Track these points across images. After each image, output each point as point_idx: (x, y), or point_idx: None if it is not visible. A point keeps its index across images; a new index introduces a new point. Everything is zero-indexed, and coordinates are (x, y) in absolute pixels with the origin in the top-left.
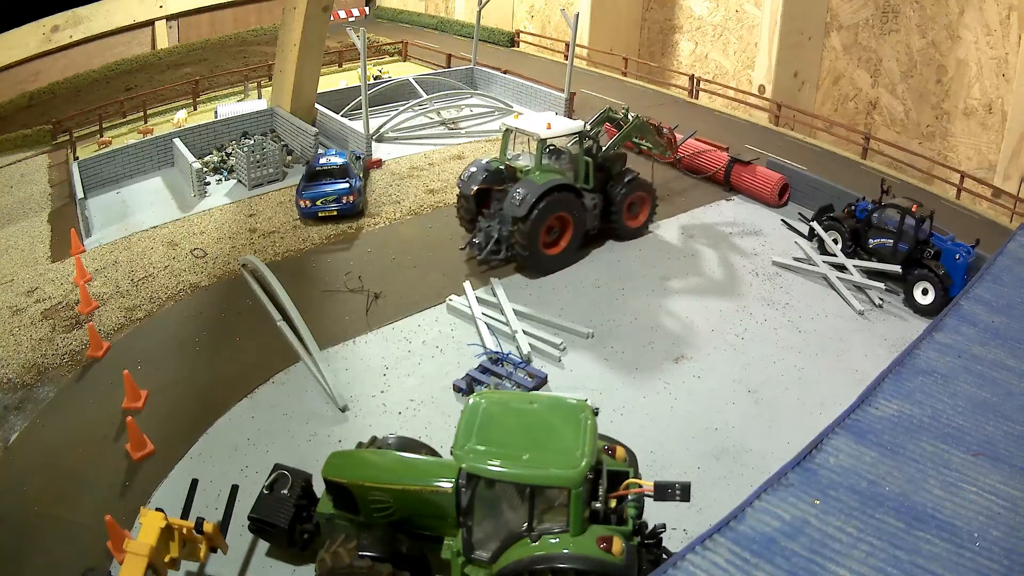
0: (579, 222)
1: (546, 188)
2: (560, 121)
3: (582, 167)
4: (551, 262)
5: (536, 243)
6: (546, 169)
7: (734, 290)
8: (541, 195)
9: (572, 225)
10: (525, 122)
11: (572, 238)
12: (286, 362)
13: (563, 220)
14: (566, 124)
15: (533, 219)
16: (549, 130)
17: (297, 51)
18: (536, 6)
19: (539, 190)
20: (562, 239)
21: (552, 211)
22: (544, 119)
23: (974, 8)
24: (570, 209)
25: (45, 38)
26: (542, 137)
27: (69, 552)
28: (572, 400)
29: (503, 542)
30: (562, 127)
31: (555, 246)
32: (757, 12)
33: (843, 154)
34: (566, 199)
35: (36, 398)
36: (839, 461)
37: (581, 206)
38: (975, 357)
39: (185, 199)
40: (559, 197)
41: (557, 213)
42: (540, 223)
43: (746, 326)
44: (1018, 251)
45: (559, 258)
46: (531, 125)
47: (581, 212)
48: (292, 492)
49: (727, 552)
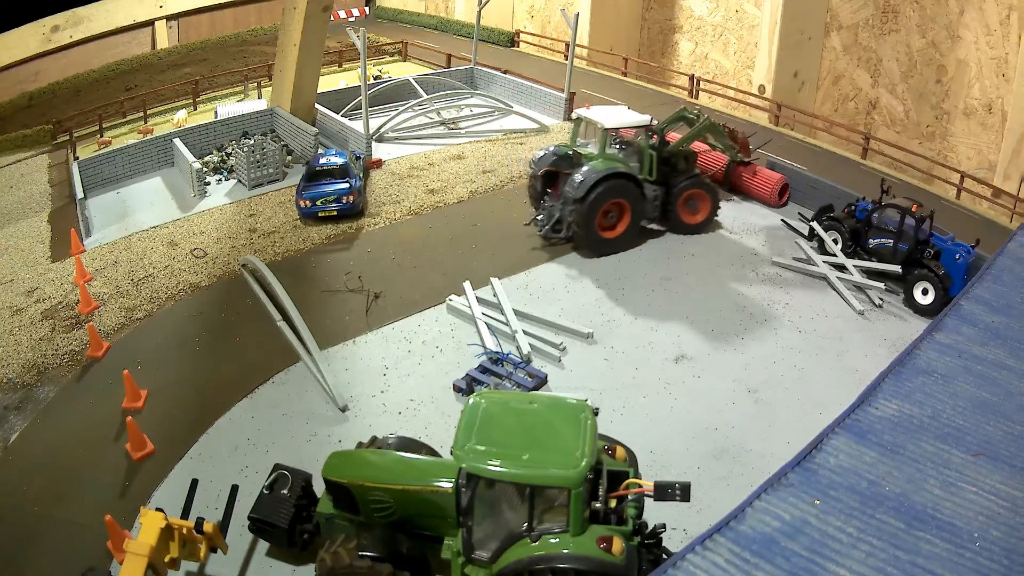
0: (637, 210)
1: (605, 174)
2: (628, 115)
3: (647, 159)
4: (606, 245)
5: (591, 224)
6: (609, 157)
7: (734, 290)
8: (599, 180)
9: (630, 212)
10: (594, 112)
11: (630, 224)
12: (286, 362)
13: (621, 206)
14: (632, 117)
15: (590, 201)
16: (615, 121)
17: (297, 51)
18: (536, 6)
19: (597, 175)
20: (619, 224)
21: (609, 196)
22: (613, 111)
23: (974, 8)
24: (628, 196)
25: (45, 38)
26: (606, 127)
27: (69, 552)
28: (572, 400)
29: (503, 542)
30: (627, 120)
31: (612, 230)
32: (757, 12)
33: (843, 154)
34: (624, 187)
35: (36, 398)
36: (839, 461)
37: (640, 195)
38: (975, 357)
39: (185, 199)
40: (617, 184)
41: (614, 199)
42: (597, 206)
43: (746, 326)
44: (1018, 251)
45: (615, 242)
46: (598, 115)
47: (639, 201)
48: (292, 492)
49: (727, 552)
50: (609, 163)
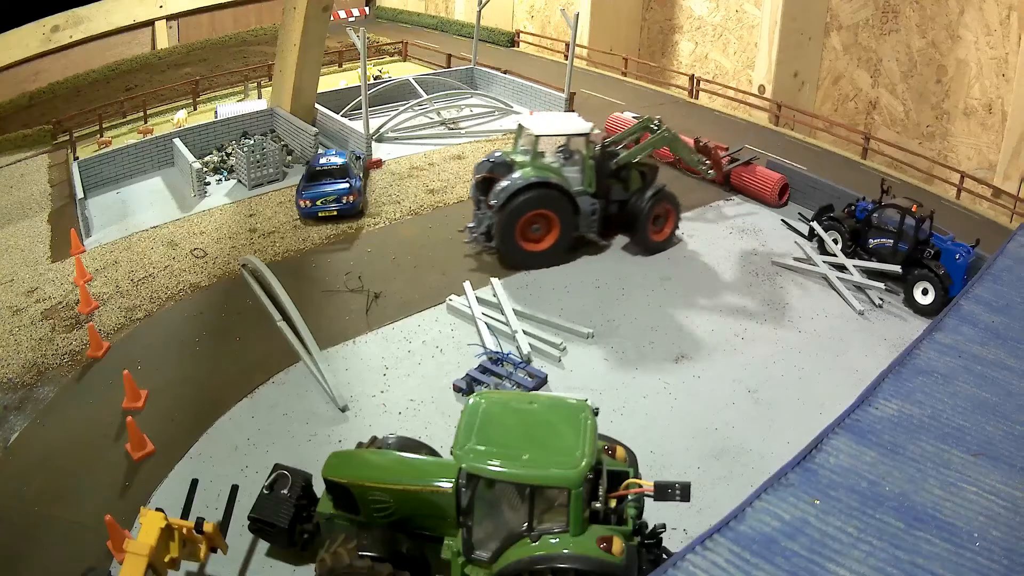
0: (567, 224)
1: (526, 183)
2: (568, 122)
3: (587, 171)
4: (529, 257)
5: (510, 235)
6: (540, 166)
7: (734, 290)
8: (520, 189)
9: (558, 225)
10: (532, 119)
11: (558, 239)
12: (286, 362)
13: (548, 219)
14: (571, 125)
15: (509, 211)
16: (545, 128)
17: (297, 51)
18: (536, 6)
19: (519, 184)
20: (546, 237)
21: (533, 207)
22: (555, 118)
23: (974, 8)
24: (556, 209)
25: (45, 38)
26: (536, 134)
27: (69, 552)
28: (572, 400)
29: (503, 542)
30: (563, 127)
31: (538, 242)
32: (757, 12)
33: (843, 154)
34: (551, 197)
35: (36, 398)
36: (839, 461)
37: (571, 208)
38: (975, 357)
39: (185, 199)
40: (543, 195)
41: (539, 210)
42: (516, 216)
43: (746, 326)
44: (1018, 251)
45: (540, 256)
46: (533, 122)
47: (570, 214)
48: (292, 492)
49: (727, 552)
50: (539, 172)
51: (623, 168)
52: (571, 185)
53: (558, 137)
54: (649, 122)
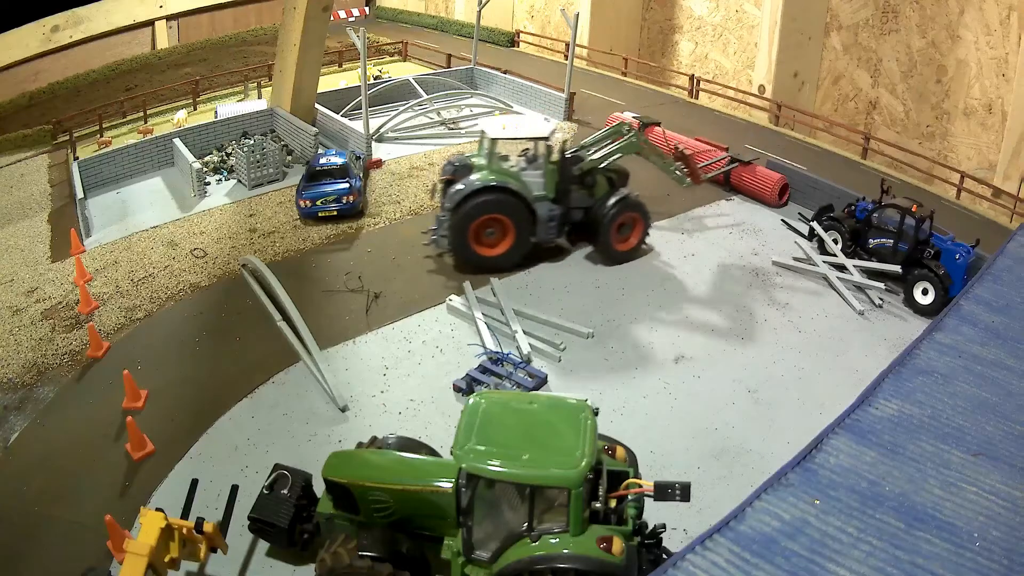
0: (522, 229)
1: (479, 187)
2: (529, 126)
3: (548, 175)
4: (483, 261)
5: (462, 238)
6: (496, 170)
7: (734, 290)
8: (472, 192)
9: (513, 230)
10: (492, 123)
11: (513, 244)
12: (286, 362)
13: (503, 223)
14: (529, 129)
15: (461, 214)
16: (502, 131)
17: (297, 51)
18: (536, 6)
19: (472, 187)
20: (501, 242)
21: (486, 211)
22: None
23: (974, 8)
24: (511, 214)
25: (45, 38)
26: (491, 137)
27: (69, 552)
28: (572, 400)
29: (503, 542)
30: (520, 131)
31: (492, 247)
32: (757, 12)
33: (843, 154)
34: (504, 202)
35: (36, 398)
36: (839, 461)
37: (527, 213)
38: (975, 357)
39: (185, 199)
40: (496, 199)
41: (492, 214)
42: (468, 219)
43: (746, 326)
44: (1018, 251)
45: (495, 260)
46: (492, 126)
47: (525, 219)
48: (292, 492)
49: (727, 552)
50: (494, 176)
51: (588, 174)
52: (531, 190)
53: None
54: (620, 128)
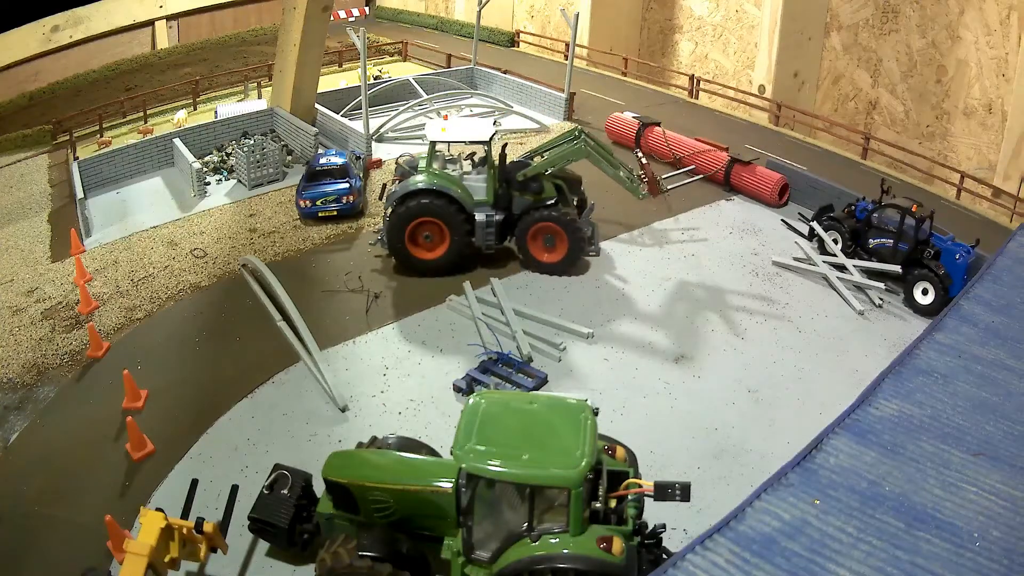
0: (457, 234)
1: (413, 189)
2: (472, 129)
3: (488, 180)
4: (420, 264)
5: (397, 240)
6: (435, 173)
7: (734, 290)
8: (406, 195)
9: (448, 234)
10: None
11: (448, 248)
12: (286, 362)
13: (439, 227)
14: (470, 133)
15: (395, 215)
16: (442, 134)
17: (297, 51)
18: (536, 6)
19: (405, 189)
20: (439, 246)
21: (419, 214)
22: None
23: (974, 8)
24: (445, 218)
25: (45, 38)
26: (431, 140)
27: (69, 552)
28: (572, 400)
29: (503, 542)
30: (459, 134)
31: (430, 251)
32: (757, 12)
33: (843, 154)
34: (439, 207)
35: (36, 398)
36: (839, 461)
37: (462, 218)
38: (975, 357)
39: (185, 199)
40: (431, 203)
41: (427, 217)
42: (403, 221)
43: (746, 326)
44: (1018, 251)
45: (431, 263)
46: (433, 128)
47: (460, 224)
48: (292, 492)
49: (727, 552)
50: (431, 179)
51: (533, 180)
52: (472, 194)
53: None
54: (572, 132)
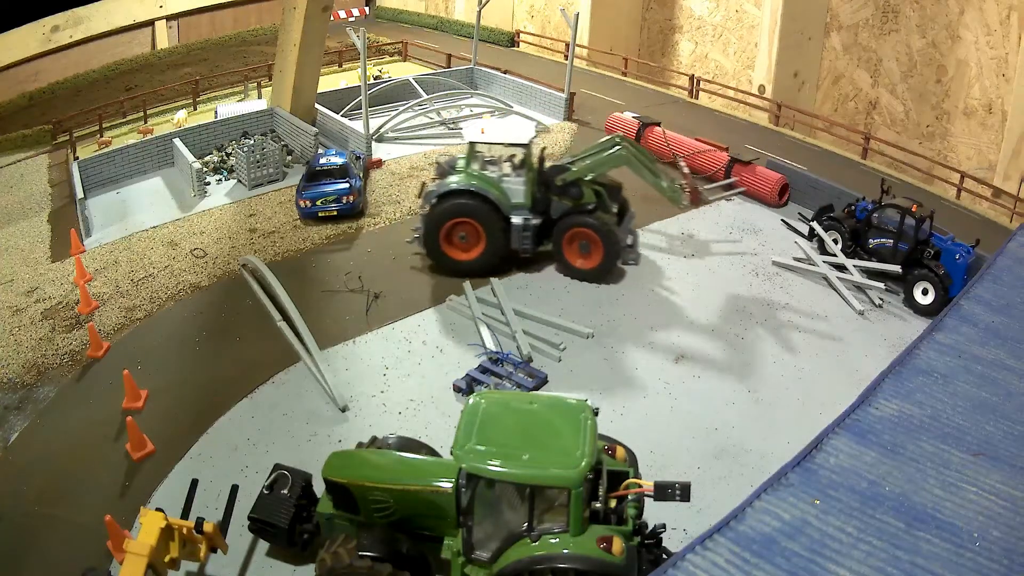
0: (494, 237)
1: (449, 190)
2: (511, 131)
3: (527, 183)
4: (455, 264)
5: (433, 239)
6: (473, 175)
7: (734, 290)
8: (443, 194)
9: (484, 236)
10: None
11: (484, 250)
12: (286, 362)
13: (475, 228)
14: (508, 134)
15: (432, 215)
16: (480, 135)
17: (297, 51)
18: (536, 6)
19: (442, 189)
20: (474, 248)
21: (455, 214)
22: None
23: (974, 8)
24: (481, 220)
25: (45, 38)
26: (469, 140)
27: (69, 552)
28: (572, 400)
29: (503, 542)
30: (499, 136)
31: (466, 252)
32: (757, 12)
33: (843, 154)
34: (476, 208)
35: (36, 398)
36: (839, 461)
37: (499, 221)
38: (975, 357)
39: (185, 199)
40: (468, 203)
41: (463, 218)
42: (438, 221)
43: (746, 326)
44: (1018, 251)
45: (467, 264)
46: (472, 129)
47: (497, 227)
48: (292, 492)
49: (727, 552)
50: (469, 180)
51: (572, 184)
52: (509, 198)
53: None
54: (612, 139)
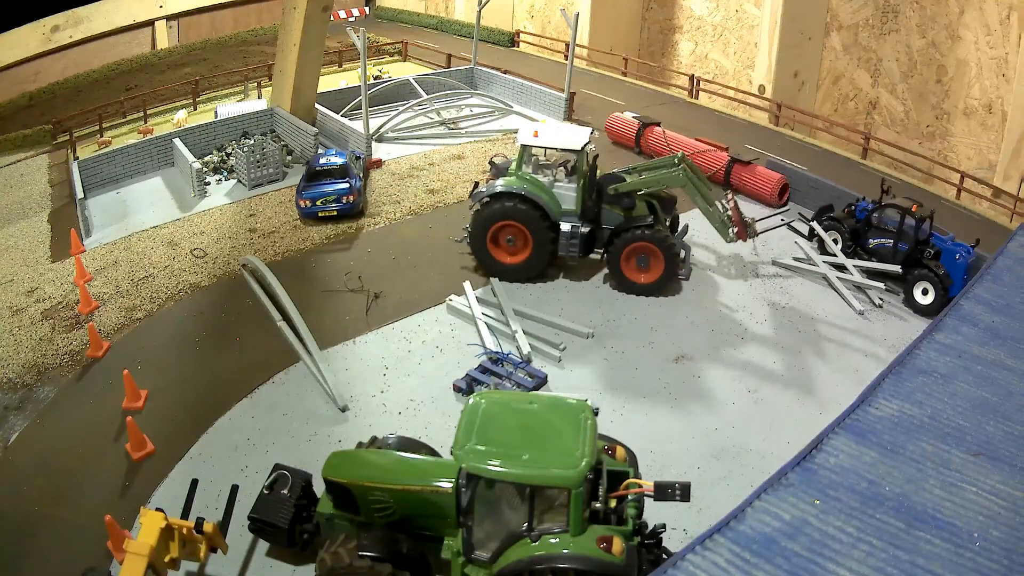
0: (541, 242)
1: (497, 192)
2: (564, 135)
3: (578, 190)
4: (501, 268)
5: (480, 241)
6: (524, 178)
7: (734, 290)
8: (491, 196)
9: (531, 241)
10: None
11: (531, 255)
12: (286, 362)
13: (524, 233)
14: (561, 140)
15: (479, 216)
16: (535, 139)
17: (297, 51)
18: (536, 6)
19: (491, 191)
20: (521, 251)
21: (502, 217)
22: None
23: (974, 8)
24: (529, 224)
25: (45, 38)
26: (523, 143)
27: (69, 552)
28: (572, 400)
29: (503, 542)
30: (552, 141)
31: (513, 255)
32: (757, 12)
33: (843, 154)
34: (524, 212)
35: (36, 398)
36: (839, 461)
37: (547, 226)
38: (975, 357)
39: (185, 199)
40: (515, 207)
41: (510, 221)
42: (486, 222)
43: (746, 326)
44: (1018, 251)
45: (514, 268)
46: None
47: (545, 232)
48: (292, 492)
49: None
50: (519, 183)
51: (626, 195)
52: (559, 203)
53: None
54: (672, 158)
